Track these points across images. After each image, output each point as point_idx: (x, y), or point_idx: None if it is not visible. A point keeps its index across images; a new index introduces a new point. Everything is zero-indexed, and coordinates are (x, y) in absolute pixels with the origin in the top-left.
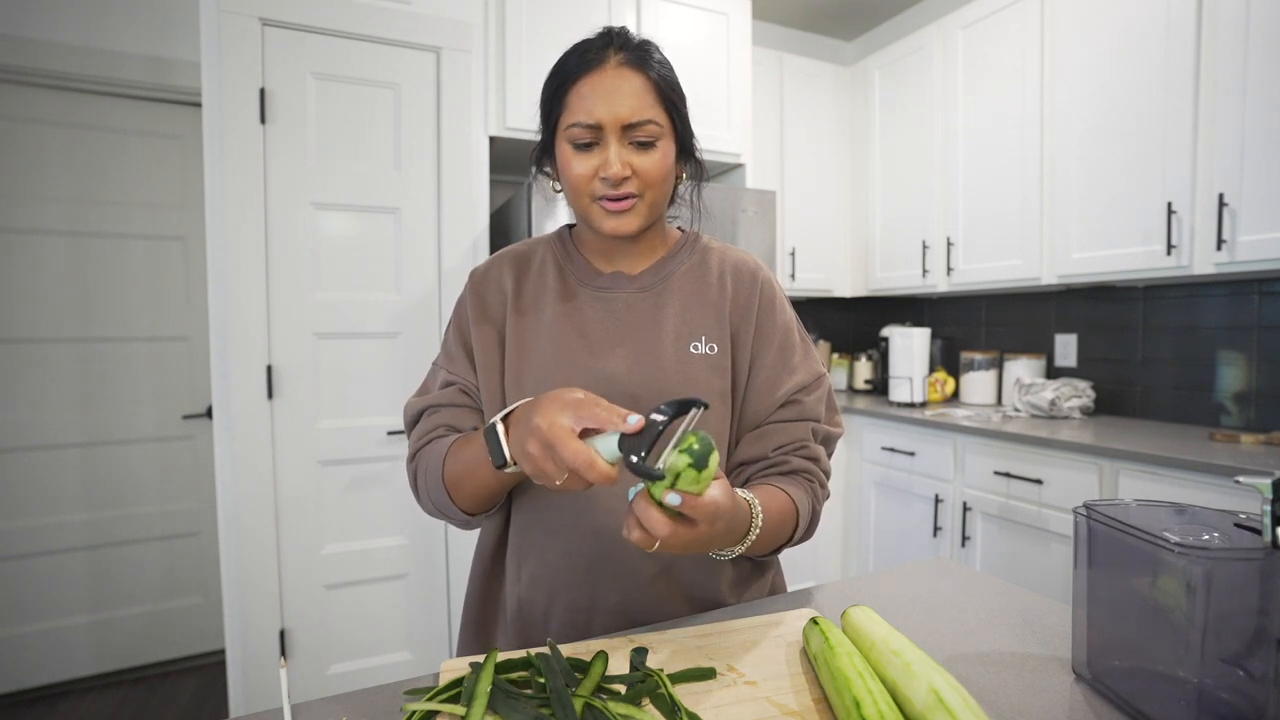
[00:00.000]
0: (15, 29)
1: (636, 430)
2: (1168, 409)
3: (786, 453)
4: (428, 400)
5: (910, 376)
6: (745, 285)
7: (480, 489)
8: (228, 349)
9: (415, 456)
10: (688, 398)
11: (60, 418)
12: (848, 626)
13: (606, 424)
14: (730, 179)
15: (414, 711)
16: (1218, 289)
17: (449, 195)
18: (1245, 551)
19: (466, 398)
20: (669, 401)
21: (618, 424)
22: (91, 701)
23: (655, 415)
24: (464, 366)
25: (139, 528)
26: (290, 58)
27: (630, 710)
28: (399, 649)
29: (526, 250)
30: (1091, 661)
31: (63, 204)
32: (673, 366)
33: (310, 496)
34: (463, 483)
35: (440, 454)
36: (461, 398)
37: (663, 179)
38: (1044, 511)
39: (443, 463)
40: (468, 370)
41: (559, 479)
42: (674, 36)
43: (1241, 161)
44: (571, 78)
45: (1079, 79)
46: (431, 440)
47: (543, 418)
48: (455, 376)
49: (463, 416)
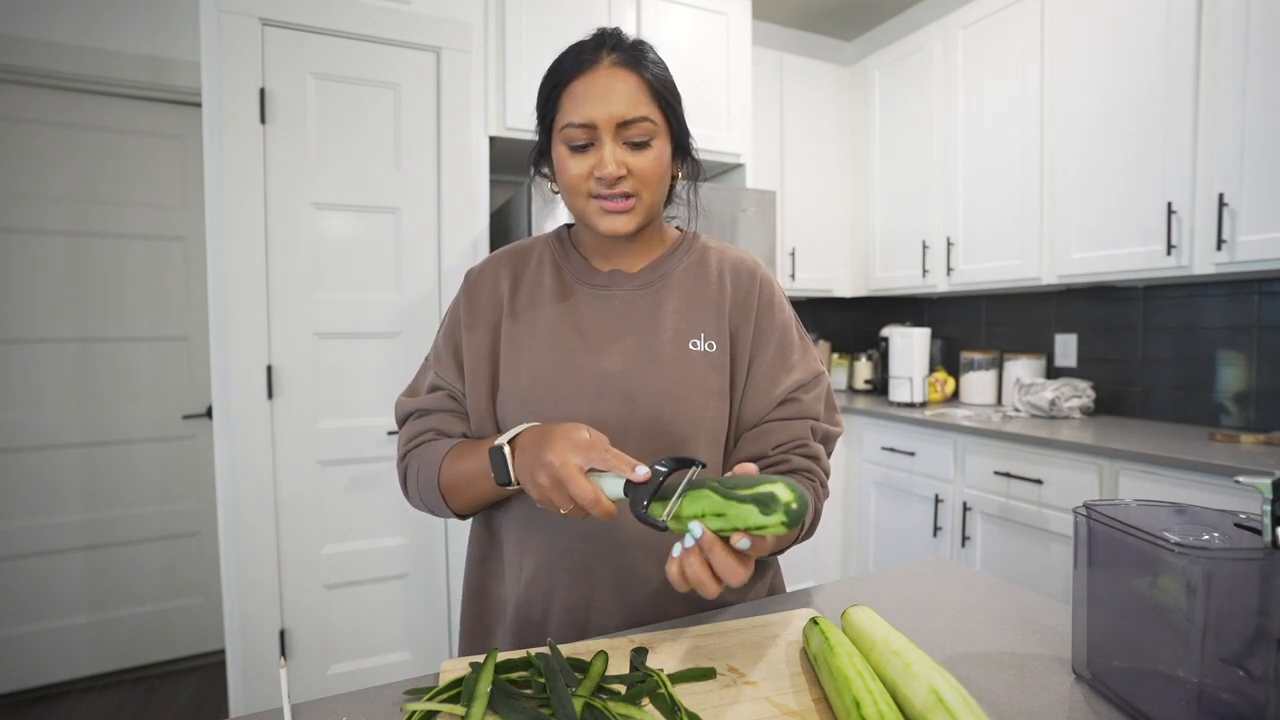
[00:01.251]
0: (15, 29)
1: (643, 480)
2: (1168, 409)
3: (786, 451)
4: (416, 403)
5: (910, 376)
6: (744, 283)
7: (477, 499)
8: (228, 349)
9: (405, 457)
10: (686, 456)
11: (60, 418)
12: (848, 626)
13: (614, 469)
14: (730, 179)
15: (414, 711)
16: (1218, 289)
17: (449, 195)
18: (1245, 551)
19: (453, 403)
20: (668, 458)
21: (625, 471)
22: (91, 701)
23: (658, 466)
24: (452, 372)
25: (139, 528)
26: (290, 58)
27: (630, 710)
28: (399, 649)
29: (524, 249)
30: (1091, 661)
31: (62, 204)
32: (671, 363)
33: (310, 496)
34: (459, 491)
35: (435, 460)
36: (448, 403)
37: (658, 178)
38: (1044, 511)
39: (438, 469)
40: (455, 376)
41: (565, 509)
42: (674, 36)
43: (1241, 161)
44: (566, 79)
45: (1079, 79)
46: (421, 444)
47: (555, 454)
48: (443, 381)
49: (450, 422)
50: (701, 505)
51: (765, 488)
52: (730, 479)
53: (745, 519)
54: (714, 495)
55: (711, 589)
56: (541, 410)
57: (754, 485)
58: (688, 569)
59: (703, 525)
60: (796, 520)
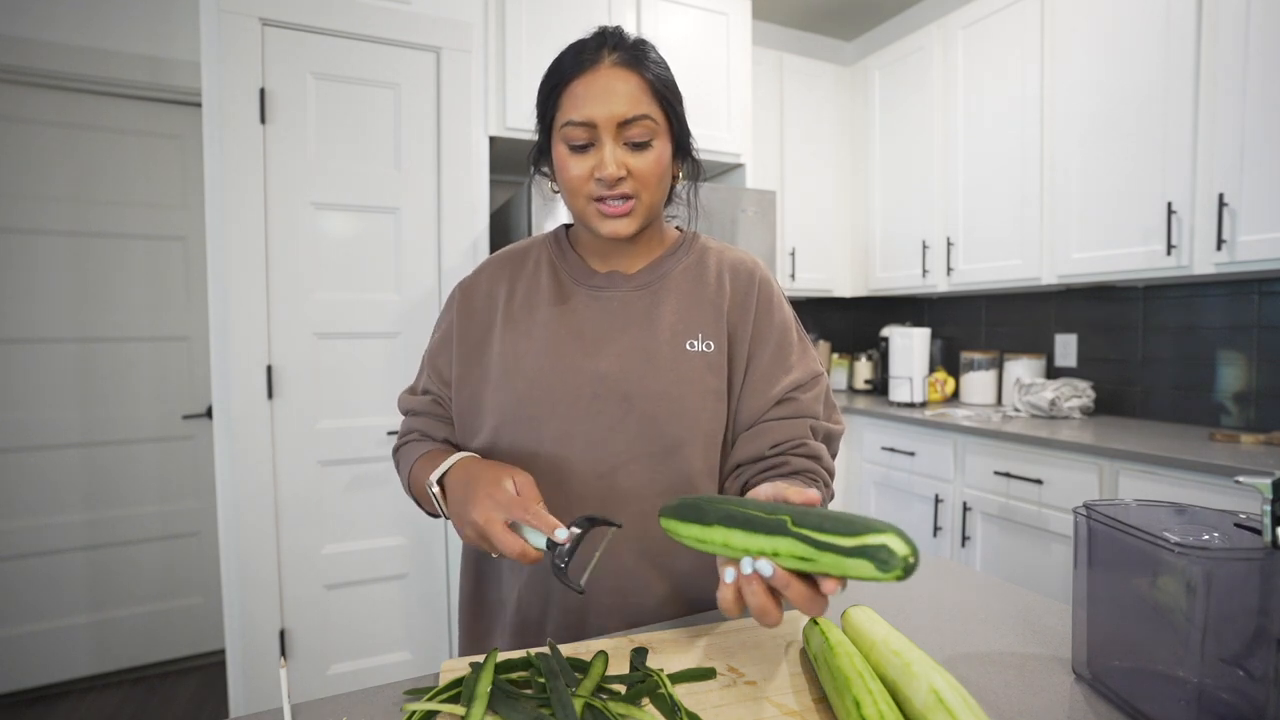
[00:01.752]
0: (14, 29)
1: (562, 543)
2: (1168, 409)
3: (784, 452)
4: (411, 403)
5: (910, 376)
6: (743, 284)
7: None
8: (228, 349)
9: (395, 452)
10: (603, 517)
11: (60, 418)
12: (848, 626)
13: (538, 527)
14: (730, 179)
15: (414, 711)
16: (1218, 289)
17: (449, 195)
18: (1245, 551)
19: (440, 409)
20: (586, 516)
21: (547, 532)
22: (91, 701)
23: (574, 528)
24: (437, 380)
25: (139, 528)
26: (290, 58)
27: (630, 710)
28: (399, 649)
29: (521, 251)
30: (1091, 661)
31: (62, 204)
32: (668, 363)
33: (310, 496)
34: (422, 502)
35: (408, 464)
36: (435, 408)
37: (659, 179)
38: (1044, 511)
39: (409, 474)
40: (440, 384)
41: (494, 555)
42: (674, 36)
43: (1241, 161)
44: (566, 78)
45: (1079, 79)
46: (406, 443)
47: (479, 513)
48: (432, 386)
49: (435, 426)
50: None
51: (875, 539)
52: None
53: (847, 570)
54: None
55: (774, 618)
56: (539, 412)
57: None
58: (750, 598)
59: (773, 564)
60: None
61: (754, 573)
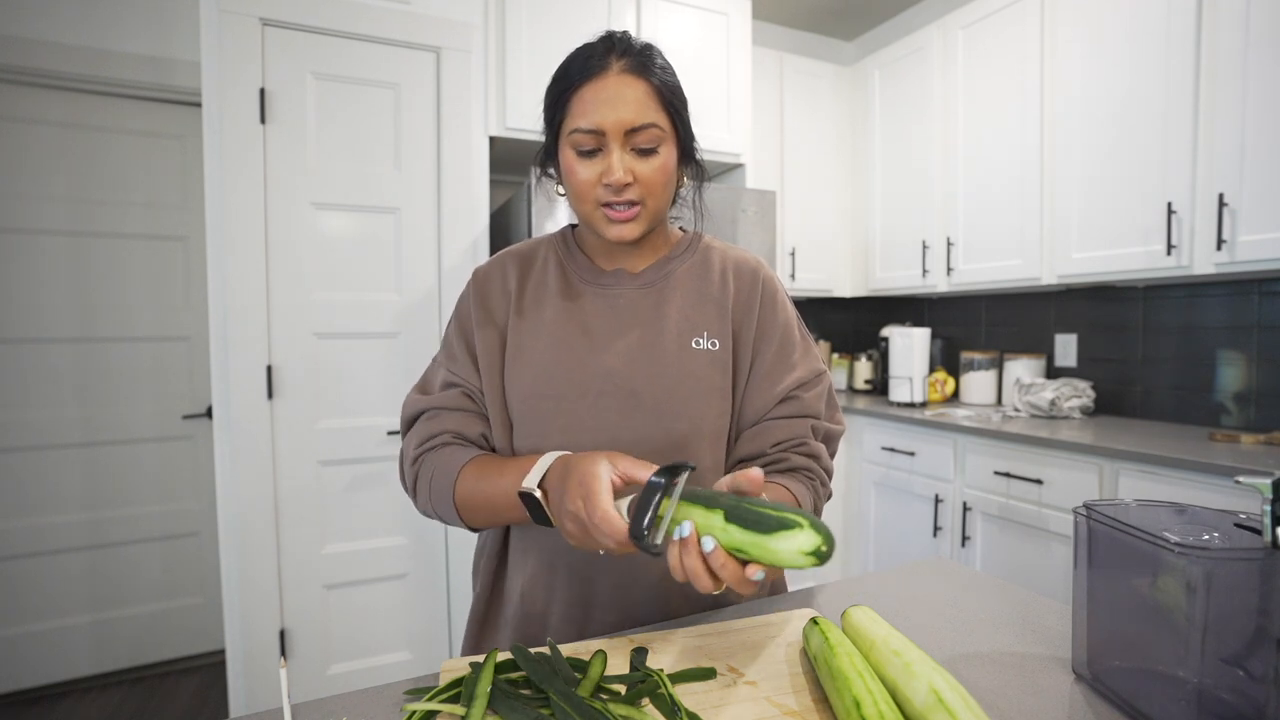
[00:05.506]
0: (15, 29)
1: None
2: (1168, 409)
3: (785, 450)
4: (430, 401)
5: (910, 376)
6: (747, 283)
7: (499, 521)
8: (228, 349)
9: (418, 460)
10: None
11: (60, 418)
12: (848, 626)
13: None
14: (730, 179)
15: (414, 711)
16: (1218, 289)
17: (449, 195)
18: (1245, 551)
19: (470, 401)
20: (662, 468)
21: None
22: (91, 701)
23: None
24: (467, 368)
25: (139, 528)
26: (290, 58)
27: (630, 710)
28: (399, 649)
29: (530, 249)
30: (1091, 661)
31: (62, 204)
32: (674, 360)
33: (310, 496)
34: (479, 511)
35: (452, 473)
36: (465, 401)
37: (664, 185)
38: (1044, 511)
39: (454, 483)
40: (471, 372)
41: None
42: (674, 36)
43: (1241, 161)
44: (574, 84)
45: (1079, 79)
46: (436, 447)
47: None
48: (457, 378)
49: (468, 423)
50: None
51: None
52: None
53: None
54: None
55: (707, 585)
56: (544, 407)
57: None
58: (686, 562)
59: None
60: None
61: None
